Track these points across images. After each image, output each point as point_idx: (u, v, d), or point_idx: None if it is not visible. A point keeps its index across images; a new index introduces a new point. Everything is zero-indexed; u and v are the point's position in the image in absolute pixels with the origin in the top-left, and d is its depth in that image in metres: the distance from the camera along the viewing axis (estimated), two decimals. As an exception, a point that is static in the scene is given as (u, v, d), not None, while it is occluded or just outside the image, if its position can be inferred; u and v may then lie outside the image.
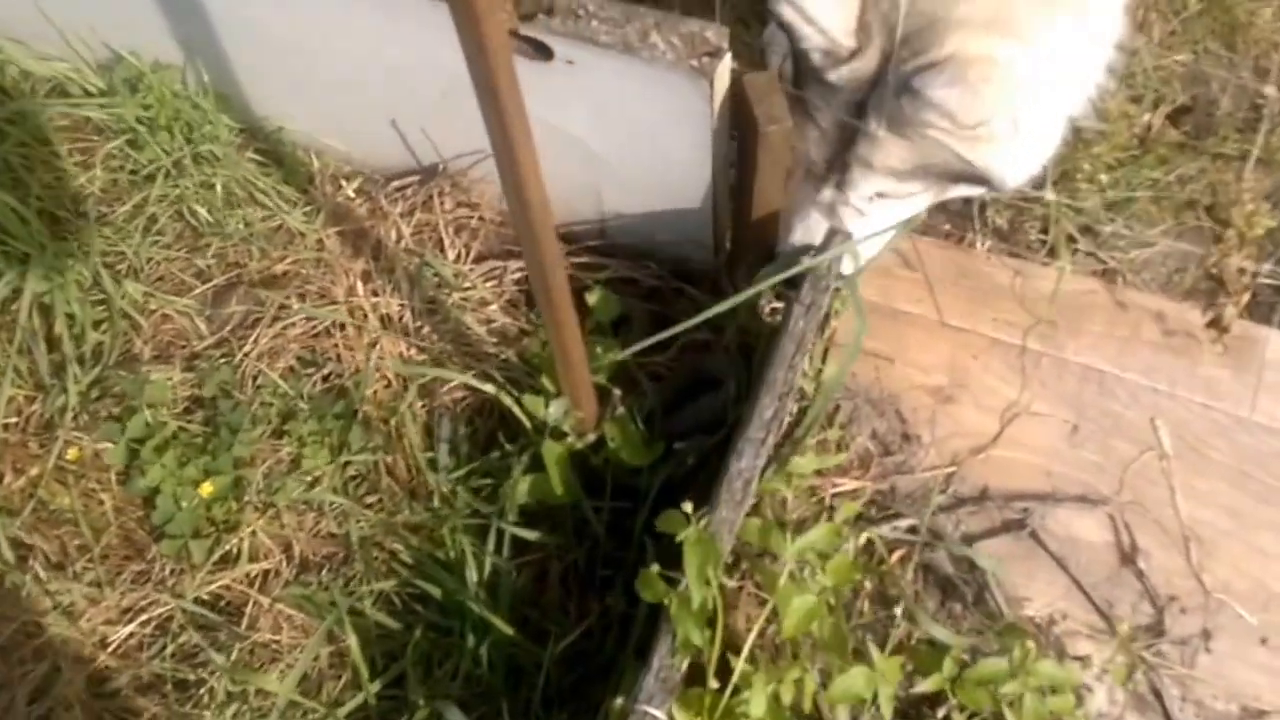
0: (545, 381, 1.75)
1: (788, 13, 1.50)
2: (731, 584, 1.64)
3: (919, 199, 1.73)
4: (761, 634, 1.58)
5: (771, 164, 1.71)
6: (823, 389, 1.78)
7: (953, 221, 2.02)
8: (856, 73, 1.54)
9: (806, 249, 1.75)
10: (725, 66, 1.58)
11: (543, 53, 1.62)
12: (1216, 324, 1.84)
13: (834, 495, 1.79)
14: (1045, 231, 1.97)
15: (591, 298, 1.87)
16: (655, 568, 1.46)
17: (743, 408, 1.77)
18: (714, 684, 1.43)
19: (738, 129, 1.69)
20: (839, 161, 1.67)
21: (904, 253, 1.99)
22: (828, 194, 1.72)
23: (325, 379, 1.91)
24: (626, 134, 1.74)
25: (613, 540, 1.79)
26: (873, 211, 1.71)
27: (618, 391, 1.76)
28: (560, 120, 1.73)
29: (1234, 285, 1.86)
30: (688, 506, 1.44)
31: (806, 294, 1.68)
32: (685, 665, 1.46)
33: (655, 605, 1.48)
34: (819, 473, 1.77)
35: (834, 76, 1.57)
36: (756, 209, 1.77)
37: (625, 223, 1.93)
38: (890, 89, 1.50)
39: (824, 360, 1.84)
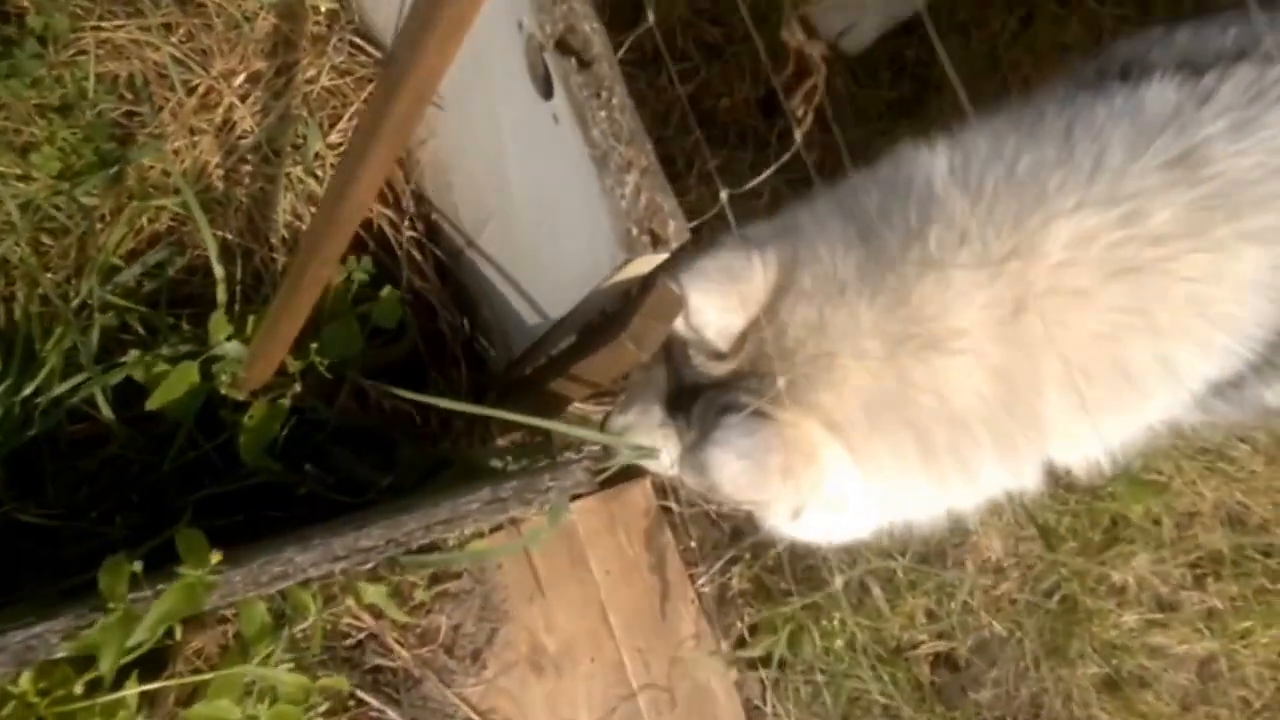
0: (252, 321, 1.57)
1: None
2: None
3: None
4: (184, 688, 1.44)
5: (603, 366, 1.55)
6: (458, 553, 1.64)
7: (706, 540, 1.88)
8: (707, 371, 1.40)
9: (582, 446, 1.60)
10: (651, 261, 1.42)
11: (545, 89, 1.45)
12: None
13: (367, 638, 1.65)
14: (756, 629, 1.84)
15: (385, 292, 1.70)
16: (136, 565, 1.25)
17: (381, 500, 1.62)
18: (79, 689, 1.30)
19: (613, 312, 1.53)
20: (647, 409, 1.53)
21: (639, 531, 1.84)
22: (619, 423, 1.58)
23: (128, 116, 1.71)
24: (543, 213, 1.57)
25: (178, 477, 1.62)
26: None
27: (298, 388, 1.59)
28: (509, 142, 1.56)
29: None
30: (216, 555, 1.26)
31: (513, 502, 1.50)
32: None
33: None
34: (373, 610, 1.63)
35: (692, 357, 1.43)
36: (558, 384, 1.61)
37: (480, 270, 1.76)
38: (714, 405, 1.36)
39: (491, 531, 1.70)
